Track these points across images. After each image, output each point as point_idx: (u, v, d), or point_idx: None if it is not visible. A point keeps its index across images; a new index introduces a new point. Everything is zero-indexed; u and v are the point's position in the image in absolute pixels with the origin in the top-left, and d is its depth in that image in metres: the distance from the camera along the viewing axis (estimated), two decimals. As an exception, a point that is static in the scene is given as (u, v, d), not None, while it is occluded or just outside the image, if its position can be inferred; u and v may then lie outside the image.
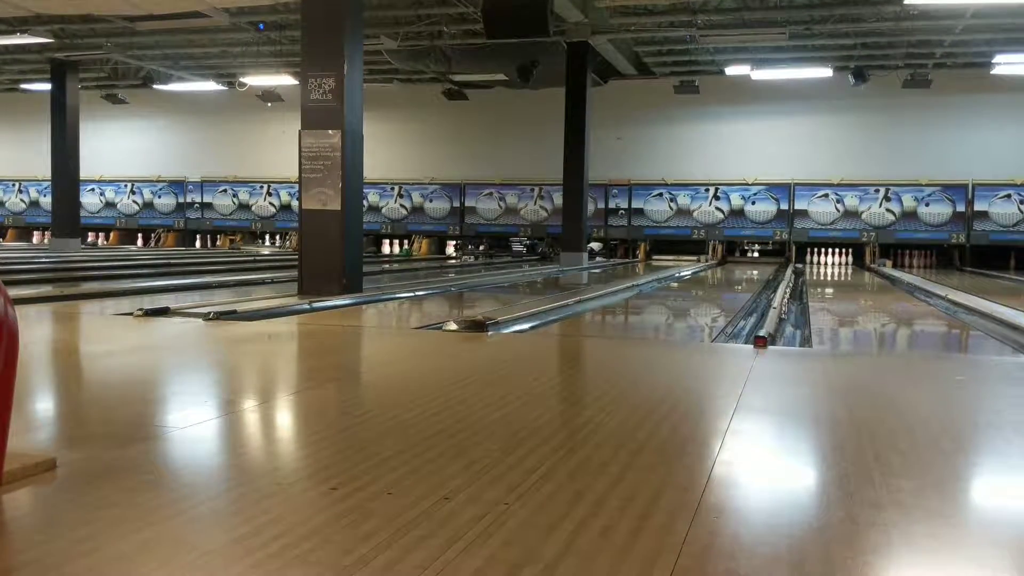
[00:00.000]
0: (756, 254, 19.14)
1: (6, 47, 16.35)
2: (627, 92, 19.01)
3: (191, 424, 2.88)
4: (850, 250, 18.35)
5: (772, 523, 2.00)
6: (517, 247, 19.71)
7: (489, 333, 5.43)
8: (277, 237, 21.49)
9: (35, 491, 2.10)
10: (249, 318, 5.91)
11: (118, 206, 22.74)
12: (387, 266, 14.54)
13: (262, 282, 9.89)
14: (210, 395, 3.58)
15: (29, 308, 6.23)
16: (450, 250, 20.40)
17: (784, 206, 18.51)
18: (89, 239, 22.05)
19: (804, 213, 18.39)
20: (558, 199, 17.74)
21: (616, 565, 1.69)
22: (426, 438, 2.67)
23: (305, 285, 7.94)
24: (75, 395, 3.64)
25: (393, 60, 16.00)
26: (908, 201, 17.87)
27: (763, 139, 18.83)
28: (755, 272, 15.25)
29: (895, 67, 16.74)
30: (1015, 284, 12.92)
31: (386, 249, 20.88)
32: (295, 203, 11.51)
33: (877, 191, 18.01)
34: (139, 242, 22.48)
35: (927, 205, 17.78)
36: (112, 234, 22.77)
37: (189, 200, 22.18)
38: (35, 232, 22.94)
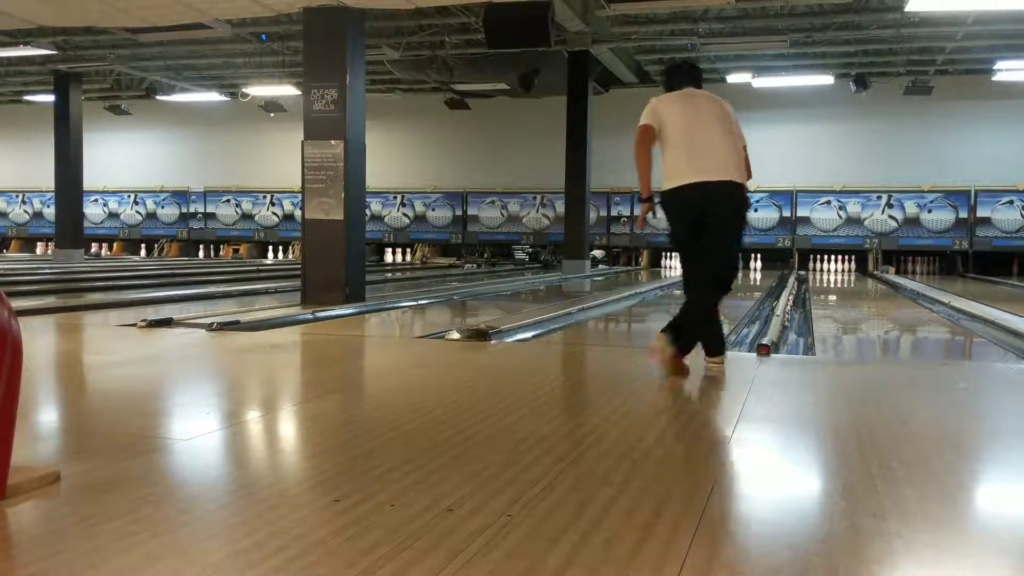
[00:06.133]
0: (759, 261, 19.12)
1: (9, 59, 16.40)
2: (628, 100, 19.00)
3: (195, 436, 2.89)
4: (853, 257, 18.32)
5: (776, 533, 2.00)
6: (519, 255, 19.70)
7: (492, 342, 5.43)
8: (280, 250, 21.47)
9: (39, 504, 2.11)
10: (252, 328, 5.91)
11: (121, 217, 22.76)
12: (389, 275, 14.54)
13: (265, 292, 9.90)
14: (213, 406, 3.59)
15: (33, 320, 6.24)
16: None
17: (787, 213, 18.50)
18: (92, 250, 22.08)
19: (807, 220, 18.37)
20: (560, 207, 17.73)
21: (619, 576, 1.69)
22: (429, 449, 2.67)
23: (308, 295, 7.96)
24: (79, 407, 3.65)
25: (395, 70, 16.02)
26: (911, 207, 17.85)
27: (765, 146, 18.72)
28: (758, 279, 15.24)
29: (896, 74, 16.74)
30: (1018, 290, 12.90)
31: (388, 258, 20.89)
32: (298, 213, 11.52)
33: (879, 198, 18.00)
34: (142, 252, 22.51)
35: (929, 211, 17.76)
36: (115, 245, 22.81)
37: (192, 210, 22.21)
38: (39, 243, 22.97)
